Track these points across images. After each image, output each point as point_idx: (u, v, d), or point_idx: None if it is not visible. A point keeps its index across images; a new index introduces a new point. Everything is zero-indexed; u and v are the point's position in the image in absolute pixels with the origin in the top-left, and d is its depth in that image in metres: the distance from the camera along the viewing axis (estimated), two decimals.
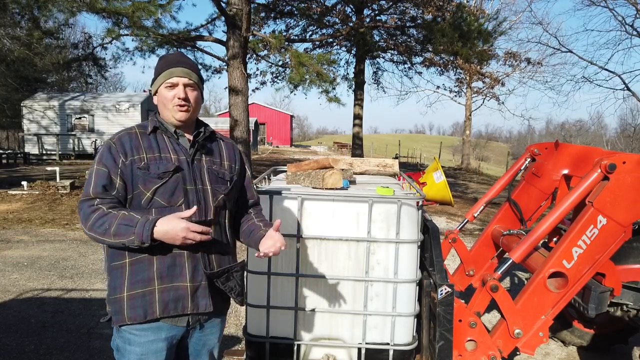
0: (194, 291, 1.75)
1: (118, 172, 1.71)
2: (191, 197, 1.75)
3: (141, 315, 1.71)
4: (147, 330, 1.74)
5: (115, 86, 44.20)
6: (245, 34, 11.09)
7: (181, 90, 1.77)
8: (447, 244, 3.99)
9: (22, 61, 24.44)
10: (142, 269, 1.71)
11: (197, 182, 1.78)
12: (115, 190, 1.71)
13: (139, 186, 1.71)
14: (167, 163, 1.74)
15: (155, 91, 1.84)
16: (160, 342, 1.76)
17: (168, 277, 1.72)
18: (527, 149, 3.96)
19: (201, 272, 1.76)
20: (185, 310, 1.75)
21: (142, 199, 1.71)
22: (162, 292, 1.72)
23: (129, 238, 1.61)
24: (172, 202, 1.73)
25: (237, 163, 1.97)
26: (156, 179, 1.71)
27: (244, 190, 2.02)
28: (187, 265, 1.73)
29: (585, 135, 58.19)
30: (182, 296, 1.74)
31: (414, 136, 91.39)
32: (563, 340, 3.97)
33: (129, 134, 1.78)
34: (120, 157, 1.72)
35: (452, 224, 9.27)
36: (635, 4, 21.39)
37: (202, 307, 1.78)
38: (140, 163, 1.72)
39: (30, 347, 3.69)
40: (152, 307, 1.71)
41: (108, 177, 1.70)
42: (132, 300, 1.71)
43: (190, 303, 1.75)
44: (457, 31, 13.24)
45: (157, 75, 1.82)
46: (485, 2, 26.56)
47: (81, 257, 6.28)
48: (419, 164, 29.60)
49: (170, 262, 1.72)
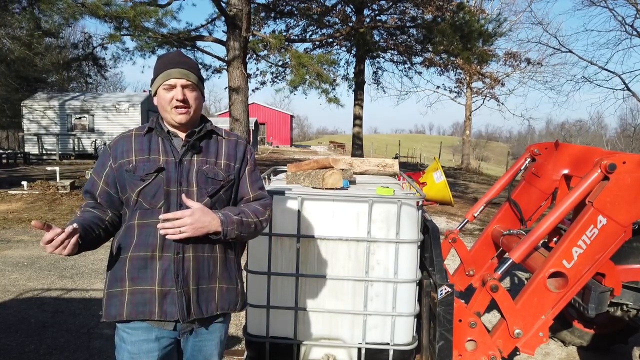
0: (162, 297, 1.68)
1: (103, 176, 1.76)
2: (173, 198, 1.70)
3: (113, 315, 1.70)
4: (138, 329, 1.72)
5: (115, 86, 44.23)
6: (245, 34, 11.09)
7: (179, 92, 1.73)
8: (447, 244, 3.99)
9: (22, 61, 24.45)
10: (119, 268, 1.72)
11: (183, 184, 1.72)
12: (97, 193, 1.77)
13: (126, 189, 1.73)
14: (152, 164, 1.72)
15: (155, 92, 1.81)
16: (151, 342, 1.72)
17: (138, 278, 1.69)
18: (527, 149, 3.96)
19: (171, 277, 1.68)
20: (153, 315, 1.68)
21: (131, 201, 1.72)
22: (132, 294, 1.69)
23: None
24: (153, 204, 1.70)
25: (238, 161, 1.85)
26: (139, 180, 1.70)
27: (245, 187, 1.87)
28: (157, 268, 1.68)
29: (585, 135, 58.21)
30: (150, 300, 1.68)
31: (414, 136, 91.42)
32: (563, 340, 3.97)
33: (125, 137, 1.80)
34: (110, 160, 1.76)
35: (452, 224, 9.27)
36: (635, 4, 21.40)
37: (170, 315, 1.68)
38: (129, 165, 1.72)
39: (30, 347, 3.69)
40: (121, 308, 1.69)
41: (93, 182, 1.78)
42: (109, 299, 1.73)
43: (157, 309, 1.67)
44: (457, 32, 13.25)
45: (156, 76, 1.78)
46: (485, 2, 26.59)
47: (81, 257, 6.28)
48: (418, 164, 29.61)
49: (142, 264, 1.69)
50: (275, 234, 2.51)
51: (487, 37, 13.73)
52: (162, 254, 1.68)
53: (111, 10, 9.65)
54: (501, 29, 14.90)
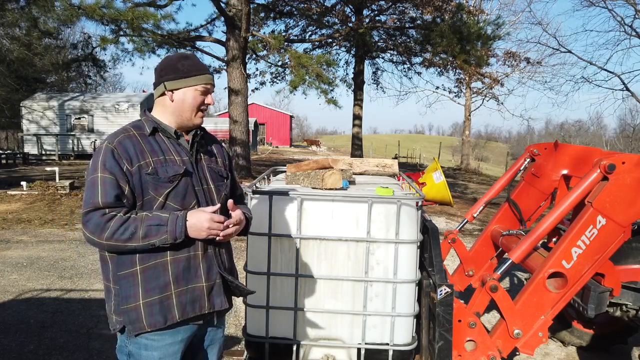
0: (209, 290, 1.77)
1: (126, 179, 1.65)
2: (201, 197, 1.77)
3: (161, 322, 1.69)
4: (165, 334, 1.73)
5: (114, 86, 44.20)
6: (244, 34, 11.10)
7: (211, 98, 1.83)
8: (447, 244, 4.00)
9: (21, 61, 24.39)
10: (157, 275, 1.68)
11: (203, 182, 1.80)
12: (125, 199, 1.66)
13: (149, 192, 1.68)
14: (174, 166, 1.72)
15: (174, 89, 1.76)
16: (177, 344, 1.77)
17: (184, 279, 1.72)
18: (526, 149, 3.96)
19: (215, 270, 1.78)
20: (203, 310, 1.76)
21: (155, 204, 1.68)
22: (180, 295, 1.71)
23: (161, 237, 1.61)
24: (185, 204, 1.72)
25: (226, 159, 2.01)
26: (167, 182, 1.69)
27: (236, 184, 2.06)
28: (201, 265, 1.75)
29: (584, 135, 58.25)
30: (199, 297, 1.75)
31: (414, 136, 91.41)
32: (562, 341, 3.97)
33: (129, 137, 1.71)
34: (125, 163, 1.66)
35: (452, 224, 9.27)
36: (634, 5, 21.42)
37: (217, 305, 1.80)
38: (148, 168, 1.67)
39: (30, 347, 3.69)
40: (172, 311, 1.70)
41: (117, 185, 1.64)
42: (150, 308, 1.67)
43: (207, 302, 1.77)
44: (456, 34, 13.26)
45: (185, 76, 1.75)
46: (484, 2, 26.61)
47: (80, 258, 6.27)
48: (418, 164, 29.61)
49: (185, 265, 1.72)
50: (275, 235, 2.51)
51: (485, 39, 13.75)
52: (204, 252, 1.76)
53: (109, 12, 9.63)
54: (499, 31, 14.92)
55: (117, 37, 11.10)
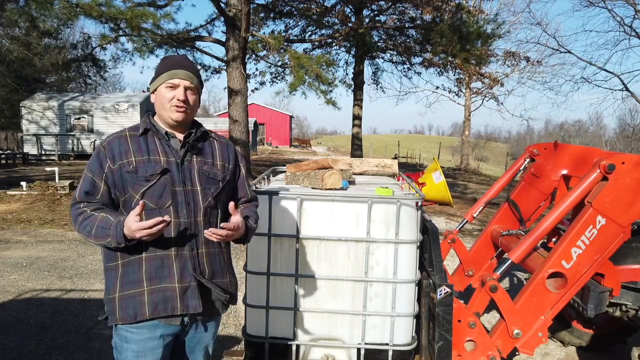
0: (182, 292, 1.76)
1: (103, 176, 1.75)
2: (179, 198, 1.76)
3: (131, 316, 1.74)
4: (143, 328, 1.77)
5: (114, 86, 44.14)
6: (244, 34, 11.09)
7: (181, 92, 1.80)
8: (447, 244, 4.00)
9: (21, 61, 24.39)
10: (133, 271, 1.74)
11: (187, 184, 1.79)
12: (99, 195, 1.75)
13: (128, 190, 1.74)
14: (155, 165, 1.76)
15: (154, 90, 1.86)
16: (156, 339, 1.79)
17: (157, 278, 1.74)
18: (526, 150, 3.97)
19: (189, 272, 1.77)
20: (175, 311, 1.76)
21: (133, 202, 1.73)
22: (151, 293, 1.74)
23: (106, 240, 1.66)
24: (160, 203, 1.74)
25: (231, 162, 1.96)
26: (143, 181, 1.73)
27: (237, 189, 2.01)
28: (175, 266, 1.75)
29: (584, 135, 58.23)
30: (171, 297, 1.75)
31: (413, 136, 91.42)
32: (562, 341, 3.97)
33: (118, 138, 1.80)
34: (108, 162, 1.75)
35: (452, 225, 9.27)
36: (633, 5, 21.42)
37: (191, 308, 1.78)
38: (129, 167, 1.74)
39: (30, 348, 3.69)
40: (142, 308, 1.73)
41: (92, 182, 1.75)
42: (124, 301, 1.74)
43: (179, 304, 1.76)
44: (456, 33, 13.27)
45: (159, 75, 1.83)
46: (484, 2, 26.60)
47: (80, 258, 6.27)
48: (418, 164, 29.62)
49: (159, 263, 1.74)
50: (275, 235, 2.51)
51: (485, 38, 13.75)
52: (178, 252, 1.75)
53: (107, 11, 9.62)
54: (499, 30, 14.92)
55: (116, 37, 11.09)
